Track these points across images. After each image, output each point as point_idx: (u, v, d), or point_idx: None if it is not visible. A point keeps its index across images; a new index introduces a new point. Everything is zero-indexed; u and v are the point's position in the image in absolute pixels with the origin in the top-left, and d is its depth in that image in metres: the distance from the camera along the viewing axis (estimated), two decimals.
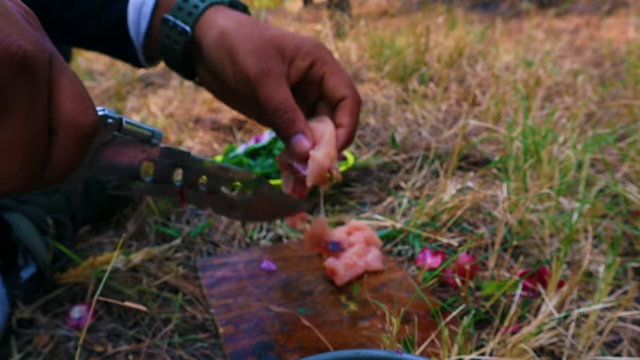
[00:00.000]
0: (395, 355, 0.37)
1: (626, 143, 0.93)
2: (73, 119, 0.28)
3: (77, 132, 0.28)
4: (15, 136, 0.25)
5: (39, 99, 0.26)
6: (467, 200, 0.75)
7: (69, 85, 0.28)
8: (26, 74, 0.25)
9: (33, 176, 0.28)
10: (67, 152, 0.28)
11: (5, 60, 0.24)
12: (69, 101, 0.28)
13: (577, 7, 3.36)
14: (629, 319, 0.53)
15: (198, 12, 0.48)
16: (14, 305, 0.58)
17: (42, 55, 0.26)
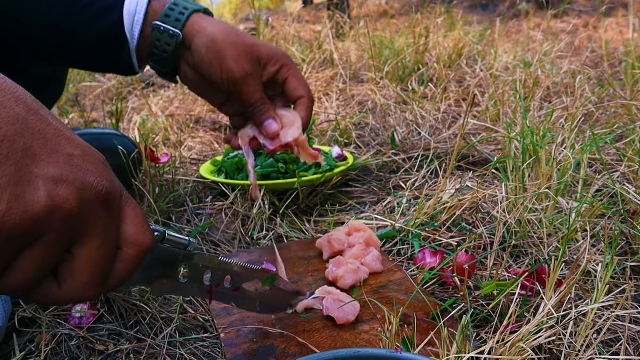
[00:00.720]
0: (395, 354, 0.37)
1: (624, 143, 0.93)
2: (136, 239, 0.35)
3: (139, 250, 0.36)
4: (92, 253, 0.32)
5: (114, 224, 0.34)
6: (466, 200, 0.76)
7: (134, 213, 0.36)
8: (106, 206, 0.32)
9: (100, 286, 0.34)
10: (128, 265, 0.36)
11: (94, 195, 0.31)
12: (133, 225, 0.35)
13: (575, 8, 3.37)
14: (627, 317, 0.54)
15: (184, 19, 0.58)
16: (16, 304, 0.59)
17: (117, 191, 0.34)
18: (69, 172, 0.30)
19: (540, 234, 0.69)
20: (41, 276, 0.31)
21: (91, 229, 0.32)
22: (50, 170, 0.29)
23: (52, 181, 0.29)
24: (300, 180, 0.81)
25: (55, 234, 0.30)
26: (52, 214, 0.29)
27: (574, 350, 0.48)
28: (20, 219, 0.27)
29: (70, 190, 0.30)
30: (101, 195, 0.32)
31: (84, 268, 0.32)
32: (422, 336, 0.51)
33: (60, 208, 0.29)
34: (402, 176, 0.98)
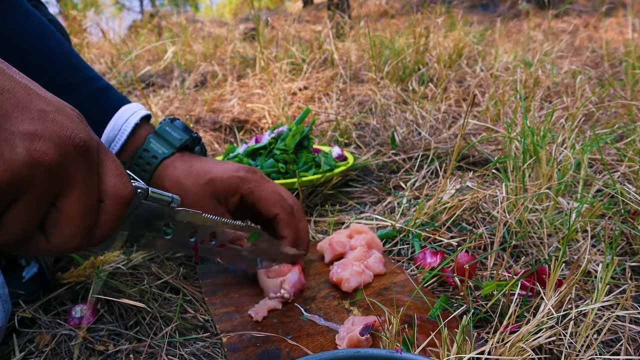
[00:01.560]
0: (395, 354, 0.37)
1: (624, 143, 0.93)
2: (116, 190, 0.37)
3: (120, 200, 0.37)
4: (75, 205, 0.34)
5: (93, 176, 0.35)
6: (466, 200, 0.76)
7: (112, 165, 0.37)
8: (85, 157, 0.34)
9: (86, 237, 0.36)
10: (111, 216, 0.37)
11: (72, 147, 0.33)
12: (112, 177, 0.37)
13: (575, 8, 3.37)
14: (627, 318, 0.54)
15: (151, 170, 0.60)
16: (16, 304, 0.59)
17: (94, 143, 0.35)
18: (44, 127, 0.31)
19: (540, 234, 0.69)
20: (29, 229, 0.33)
21: (72, 180, 0.33)
22: (26, 127, 0.30)
23: (28, 137, 0.30)
24: (300, 180, 0.81)
25: (38, 187, 0.31)
26: (33, 168, 0.30)
27: (574, 350, 0.48)
28: (1, 177, 0.29)
29: (48, 144, 0.31)
30: (79, 147, 0.33)
31: (69, 219, 0.34)
32: (423, 336, 0.51)
33: (40, 162, 0.30)
34: (402, 176, 0.98)
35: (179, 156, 0.61)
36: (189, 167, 0.60)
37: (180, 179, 0.59)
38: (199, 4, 9.14)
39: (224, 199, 0.59)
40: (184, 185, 0.58)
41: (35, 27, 0.58)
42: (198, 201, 0.58)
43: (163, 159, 0.60)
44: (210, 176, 0.59)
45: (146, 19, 4.13)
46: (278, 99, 1.40)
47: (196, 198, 0.58)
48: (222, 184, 0.59)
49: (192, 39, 2.36)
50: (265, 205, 0.59)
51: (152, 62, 2.19)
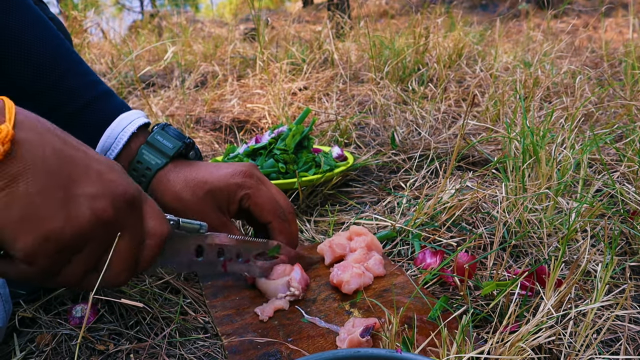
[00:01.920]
0: (395, 354, 0.37)
1: (624, 143, 0.94)
2: (155, 230, 0.44)
3: (159, 238, 0.45)
4: (124, 250, 0.41)
5: (139, 221, 0.43)
6: (466, 200, 0.76)
7: (151, 209, 0.45)
8: (133, 207, 0.41)
9: (132, 271, 0.43)
10: (152, 252, 0.45)
11: (123, 200, 0.40)
12: (152, 219, 0.44)
13: (575, 8, 3.37)
14: (627, 317, 0.54)
15: (146, 182, 0.59)
16: (16, 304, 0.59)
17: (138, 192, 0.42)
18: (102, 187, 0.38)
19: (540, 234, 0.69)
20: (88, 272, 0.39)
21: (124, 227, 0.40)
22: (88, 189, 0.37)
23: (90, 198, 0.37)
24: (300, 180, 0.81)
25: (99, 239, 0.38)
26: (95, 224, 0.37)
27: (573, 350, 0.48)
28: (71, 233, 0.36)
29: (106, 203, 0.38)
30: (129, 200, 0.40)
31: (119, 260, 0.41)
32: (423, 337, 0.51)
33: (101, 218, 0.37)
34: (402, 176, 0.98)
35: (172, 167, 0.59)
36: (184, 178, 0.59)
37: (179, 194, 0.58)
38: (199, 4, 9.14)
39: (225, 207, 0.60)
40: (184, 200, 0.58)
41: (39, 28, 0.57)
42: (201, 215, 0.57)
43: (157, 171, 0.59)
44: (208, 187, 0.58)
45: (146, 19, 4.13)
46: (278, 99, 1.40)
47: (199, 212, 0.58)
48: (221, 194, 0.59)
49: (192, 39, 2.36)
50: (260, 212, 0.60)
51: (152, 62, 2.19)
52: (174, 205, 0.58)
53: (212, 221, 0.57)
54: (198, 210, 0.58)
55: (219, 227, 0.58)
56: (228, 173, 0.60)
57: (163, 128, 0.61)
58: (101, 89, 0.61)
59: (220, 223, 0.59)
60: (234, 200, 0.59)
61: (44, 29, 0.58)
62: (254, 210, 0.60)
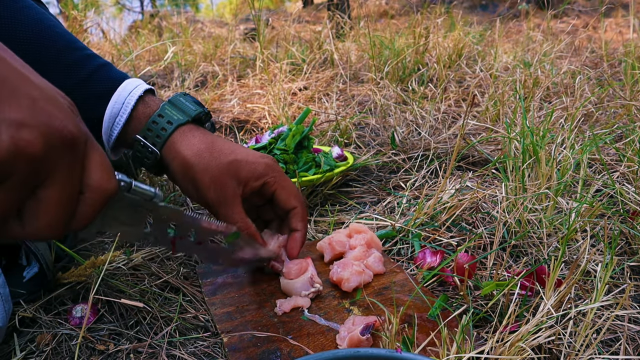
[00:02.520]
0: (394, 354, 0.37)
1: (624, 143, 0.94)
2: (99, 184, 0.36)
3: (102, 194, 0.37)
4: (55, 195, 0.33)
5: (76, 169, 0.35)
6: (466, 200, 0.76)
7: (98, 158, 0.36)
8: (70, 150, 0.33)
9: (63, 227, 0.35)
10: (90, 208, 0.36)
11: (59, 140, 0.32)
12: (97, 170, 0.36)
13: (575, 9, 3.37)
14: (626, 317, 0.54)
15: (165, 136, 0.57)
16: (16, 304, 0.59)
17: (82, 136, 0.34)
18: (32, 116, 0.30)
19: (539, 234, 0.69)
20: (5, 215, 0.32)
21: (55, 172, 0.33)
22: (12, 115, 0.30)
23: (14, 125, 0.29)
24: (300, 180, 0.82)
25: (20, 176, 0.31)
26: (16, 157, 0.30)
27: (573, 349, 0.48)
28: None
29: (34, 135, 0.30)
30: (66, 140, 0.32)
31: (47, 210, 0.33)
32: (423, 336, 0.51)
33: (24, 152, 0.30)
34: (402, 176, 0.98)
35: (194, 127, 0.59)
36: (211, 141, 0.58)
37: (202, 151, 0.56)
38: (199, 4, 9.14)
39: (244, 182, 0.57)
40: (205, 158, 0.56)
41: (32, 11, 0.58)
42: (218, 178, 0.55)
43: (179, 125, 0.57)
44: (234, 157, 0.57)
45: (146, 19, 4.13)
46: (278, 99, 1.40)
47: (216, 174, 0.55)
48: (247, 167, 0.57)
49: (192, 39, 2.36)
50: (287, 197, 0.59)
51: (152, 62, 2.19)
52: (193, 161, 0.56)
53: (226, 188, 0.55)
54: (217, 174, 0.56)
55: (230, 197, 0.56)
56: (258, 154, 0.59)
57: (184, 95, 0.61)
58: (101, 60, 0.61)
59: (232, 194, 0.56)
60: (259, 178, 0.58)
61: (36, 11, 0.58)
62: (281, 195, 0.59)
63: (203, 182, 0.55)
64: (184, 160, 0.56)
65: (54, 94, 0.34)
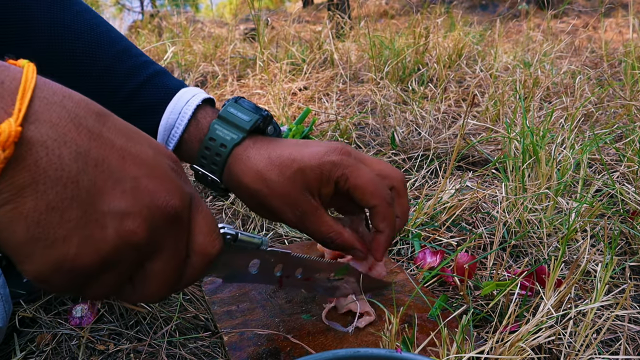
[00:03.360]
0: (394, 354, 0.37)
1: (624, 143, 0.94)
2: (204, 249, 0.35)
3: (207, 258, 0.36)
4: (163, 267, 0.33)
5: (183, 238, 0.34)
6: (466, 200, 0.76)
7: (203, 221, 0.35)
8: (175, 223, 0.32)
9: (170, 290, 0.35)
10: (196, 271, 0.36)
11: (162, 216, 0.31)
12: (202, 235, 0.35)
13: (575, 9, 3.37)
14: (627, 317, 0.54)
15: (221, 162, 0.51)
16: (16, 304, 0.59)
17: (186, 204, 0.33)
18: (135, 202, 0.30)
19: (539, 234, 0.69)
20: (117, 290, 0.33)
21: (161, 247, 0.32)
22: (116, 204, 0.29)
23: (119, 216, 0.29)
24: None
25: (127, 262, 0.31)
26: (122, 248, 0.29)
27: (573, 349, 0.48)
28: (90, 260, 0.28)
29: (138, 222, 0.29)
30: (170, 216, 0.31)
31: (155, 280, 0.33)
32: (423, 336, 0.51)
33: (129, 241, 0.29)
34: None
35: (251, 143, 0.51)
36: (268, 156, 0.50)
37: (263, 173, 0.49)
38: (199, 4, 9.14)
39: (316, 189, 0.50)
40: (269, 181, 0.49)
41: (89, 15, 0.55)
42: (288, 197, 0.49)
43: (233, 147, 0.50)
44: (297, 165, 0.49)
45: (146, 19, 4.12)
46: (278, 99, 1.40)
47: (286, 195, 0.49)
48: (312, 173, 0.49)
49: (192, 39, 2.36)
50: (362, 195, 0.50)
51: None
52: (256, 187, 0.50)
53: (301, 205, 0.49)
54: (284, 193, 0.49)
55: (310, 212, 0.50)
56: (321, 151, 0.50)
57: (236, 101, 0.53)
58: (158, 67, 0.57)
59: (311, 208, 0.49)
60: (329, 181, 0.50)
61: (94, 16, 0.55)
62: (355, 193, 0.50)
63: (275, 206, 0.50)
64: (247, 188, 0.50)
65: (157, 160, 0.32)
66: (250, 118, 0.51)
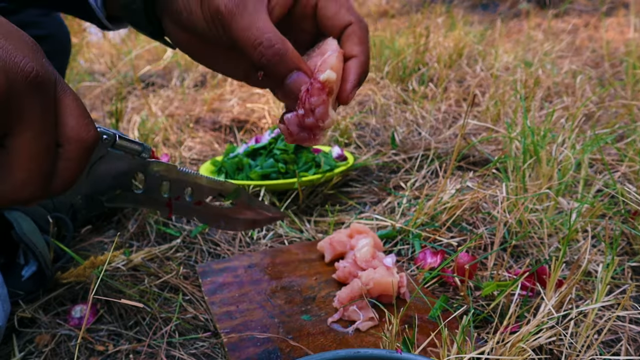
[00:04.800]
0: (395, 354, 0.37)
1: (625, 143, 0.93)
2: (77, 134, 0.31)
3: (81, 146, 0.32)
4: (26, 146, 0.29)
5: (47, 113, 0.30)
6: (466, 200, 0.76)
7: (73, 104, 0.31)
8: (38, 91, 0.29)
9: (42, 186, 0.31)
10: (71, 163, 0.32)
11: (21, 77, 0.28)
12: (72, 118, 0.31)
13: (576, 8, 3.37)
14: (628, 318, 0.54)
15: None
16: (15, 304, 0.59)
17: (50, 76, 0.30)
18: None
19: (540, 234, 0.69)
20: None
21: (23, 116, 0.28)
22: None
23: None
24: (300, 180, 0.81)
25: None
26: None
27: (574, 350, 0.48)
28: None
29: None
30: (30, 78, 0.28)
31: (20, 162, 0.29)
32: (423, 337, 0.51)
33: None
34: (402, 176, 0.98)
35: None
36: None
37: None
38: None
39: None
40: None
41: None
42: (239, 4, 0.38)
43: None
44: None
45: None
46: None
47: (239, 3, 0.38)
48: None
49: None
50: (336, 9, 0.40)
51: (151, 61, 2.19)
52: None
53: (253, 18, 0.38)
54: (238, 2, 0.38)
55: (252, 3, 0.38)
56: None
57: None
58: None
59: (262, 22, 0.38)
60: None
61: None
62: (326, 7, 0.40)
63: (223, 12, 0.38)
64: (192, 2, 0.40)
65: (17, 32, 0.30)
66: None
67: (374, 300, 0.57)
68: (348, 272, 0.59)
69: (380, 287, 0.54)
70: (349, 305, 0.54)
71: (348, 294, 0.54)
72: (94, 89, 1.73)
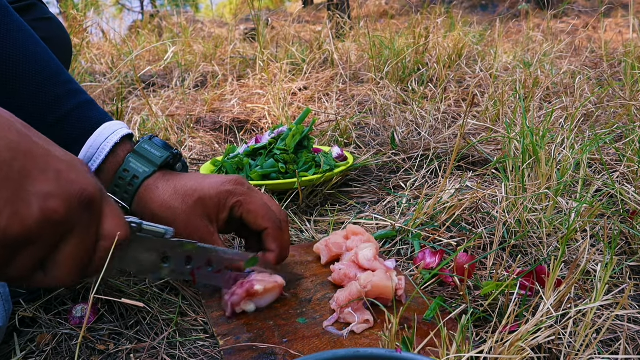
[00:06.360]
0: (394, 354, 0.38)
1: (623, 143, 0.94)
2: (112, 232, 0.41)
3: (113, 240, 0.42)
4: (74, 251, 0.39)
5: (94, 222, 0.40)
6: (465, 200, 0.76)
7: (109, 209, 0.42)
8: (88, 209, 0.38)
9: (79, 274, 0.40)
10: (103, 254, 0.42)
11: (78, 202, 0.37)
12: (110, 220, 0.41)
13: (575, 9, 3.37)
14: (626, 317, 0.54)
15: (132, 192, 0.57)
16: (17, 303, 0.59)
17: (98, 194, 0.39)
18: (57, 186, 0.36)
19: (539, 234, 0.69)
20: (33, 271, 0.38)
21: (75, 229, 0.38)
22: (42, 187, 0.35)
23: (43, 197, 0.35)
24: (300, 180, 0.82)
25: (47, 238, 0.36)
26: (43, 224, 0.35)
27: (573, 349, 0.48)
28: (18, 231, 0.34)
29: (58, 203, 0.36)
30: (84, 201, 0.38)
31: (66, 261, 0.38)
32: (422, 337, 0.51)
33: (50, 218, 0.35)
34: (402, 176, 0.98)
35: (160, 175, 0.58)
36: (174, 187, 0.57)
37: (168, 202, 0.56)
38: (199, 5, 9.14)
39: (215, 216, 0.58)
40: (173, 208, 0.56)
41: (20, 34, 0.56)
42: (189, 223, 0.56)
43: (144, 179, 0.57)
44: (198, 195, 0.57)
45: (147, 19, 4.13)
46: (278, 99, 1.40)
47: (187, 219, 0.56)
48: (211, 201, 0.57)
49: (192, 40, 2.36)
50: (255, 219, 0.58)
51: (152, 62, 2.19)
52: (162, 214, 0.56)
53: (199, 230, 0.56)
54: (186, 219, 0.56)
55: (206, 235, 0.56)
56: (218, 181, 0.58)
57: (150, 139, 0.60)
58: (83, 98, 0.60)
59: (207, 232, 0.57)
60: (225, 207, 0.58)
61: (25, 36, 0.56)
62: (248, 218, 0.58)
63: (179, 230, 0.55)
64: (155, 215, 0.56)
65: (74, 162, 0.39)
66: (162, 154, 0.59)
67: (372, 300, 0.57)
68: (344, 275, 0.59)
69: (378, 290, 0.55)
70: (345, 307, 0.54)
71: (347, 296, 0.55)
72: (94, 89, 1.73)
